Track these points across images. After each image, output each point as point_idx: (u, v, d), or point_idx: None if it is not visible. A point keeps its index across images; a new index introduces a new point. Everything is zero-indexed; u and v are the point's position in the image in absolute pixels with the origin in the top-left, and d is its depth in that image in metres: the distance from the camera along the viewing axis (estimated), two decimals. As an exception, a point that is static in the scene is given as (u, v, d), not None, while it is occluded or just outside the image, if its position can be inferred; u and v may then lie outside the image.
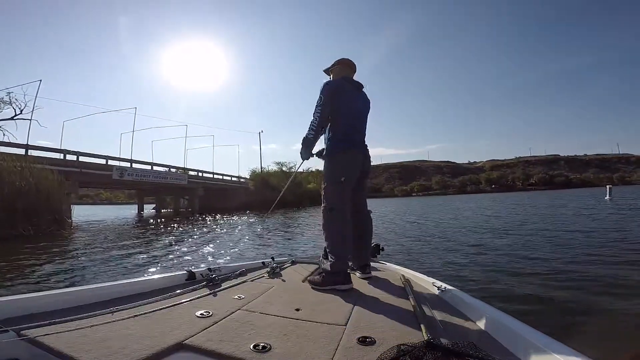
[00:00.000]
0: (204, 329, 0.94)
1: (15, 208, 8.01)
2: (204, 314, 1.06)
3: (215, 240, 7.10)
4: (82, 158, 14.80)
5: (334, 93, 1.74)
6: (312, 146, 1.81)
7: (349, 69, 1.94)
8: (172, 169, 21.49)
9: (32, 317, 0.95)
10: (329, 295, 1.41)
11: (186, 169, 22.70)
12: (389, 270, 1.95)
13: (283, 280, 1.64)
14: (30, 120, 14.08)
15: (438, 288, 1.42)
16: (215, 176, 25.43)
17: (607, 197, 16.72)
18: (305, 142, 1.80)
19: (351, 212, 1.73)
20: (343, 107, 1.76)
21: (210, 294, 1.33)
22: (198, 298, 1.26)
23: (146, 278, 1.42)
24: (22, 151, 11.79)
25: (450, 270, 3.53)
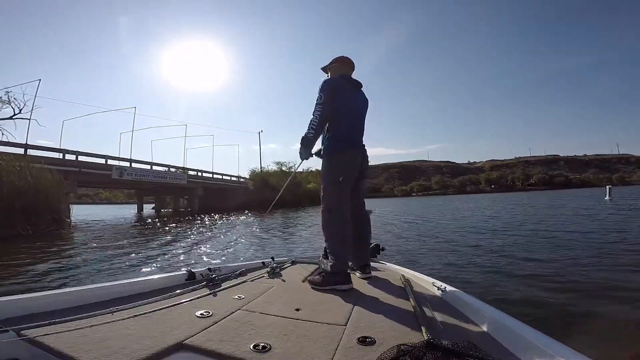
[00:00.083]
0: (204, 329, 0.94)
1: (14, 208, 8.00)
2: (204, 314, 1.06)
3: (214, 240, 7.10)
4: (81, 157, 14.79)
5: (334, 91, 1.71)
6: (311, 146, 1.77)
7: (347, 67, 1.88)
8: (171, 169, 21.47)
9: (32, 317, 0.94)
10: (329, 295, 1.41)
11: (186, 168, 22.69)
12: (389, 270, 1.94)
13: (283, 280, 1.64)
14: (30, 119, 14.04)
15: (438, 288, 1.42)
16: (215, 176, 25.43)
17: (607, 198, 16.74)
18: (304, 142, 1.75)
19: (351, 212, 1.72)
20: (342, 106, 1.73)
21: (210, 294, 1.32)
22: (198, 298, 1.26)
23: (146, 278, 1.42)
24: (21, 150, 11.79)
25: (450, 271, 3.53)
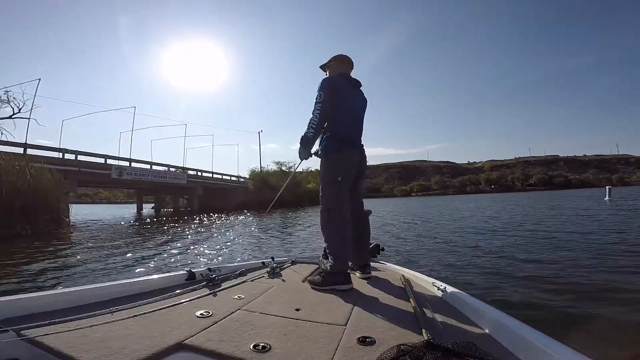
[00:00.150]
0: (204, 329, 0.94)
1: (13, 207, 7.98)
2: (203, 314, 1.06)
3: (213, 240, 7.10)
4: (80, 157, 14.79)
5: (333, 90, 1.69)
6: (311, 145, 1.76)
7: (346, 66, 1.87)
8: (171, 169, 21.47)
9: (32, 317, 0.94)
10: (329, 295, 1.40)
11: (185, 168, 22.69)
12: (389, 271, 1.94)
13: (283, 280, 1.64)
14: (29, 119, 14.03)
15: (438, 288, 1.41)
16: (215, 176, 25.44)
17: (607, 198, 16.75)
18: (304, 141, 1.73)
19: (350, 212, 1.71)
20: (341, 105, 1.71)
21: (210, 294, 1.32)
22: (198, 298, 1.26)
23: (146, 278, 1.42)
24: (20, 150, 11.79)
25: (449, 272, 3.53)
